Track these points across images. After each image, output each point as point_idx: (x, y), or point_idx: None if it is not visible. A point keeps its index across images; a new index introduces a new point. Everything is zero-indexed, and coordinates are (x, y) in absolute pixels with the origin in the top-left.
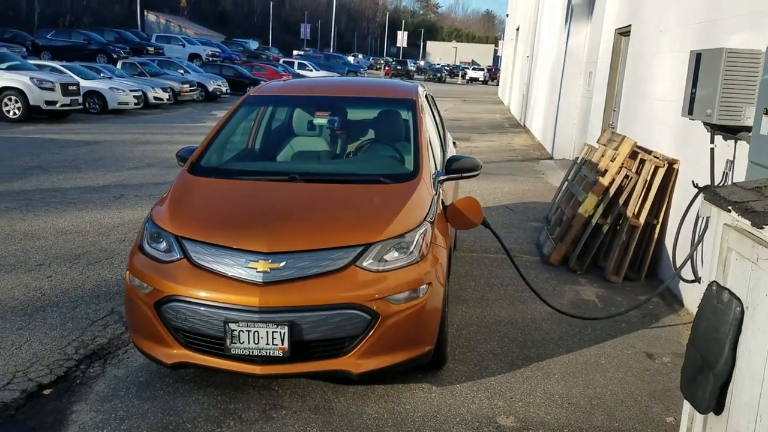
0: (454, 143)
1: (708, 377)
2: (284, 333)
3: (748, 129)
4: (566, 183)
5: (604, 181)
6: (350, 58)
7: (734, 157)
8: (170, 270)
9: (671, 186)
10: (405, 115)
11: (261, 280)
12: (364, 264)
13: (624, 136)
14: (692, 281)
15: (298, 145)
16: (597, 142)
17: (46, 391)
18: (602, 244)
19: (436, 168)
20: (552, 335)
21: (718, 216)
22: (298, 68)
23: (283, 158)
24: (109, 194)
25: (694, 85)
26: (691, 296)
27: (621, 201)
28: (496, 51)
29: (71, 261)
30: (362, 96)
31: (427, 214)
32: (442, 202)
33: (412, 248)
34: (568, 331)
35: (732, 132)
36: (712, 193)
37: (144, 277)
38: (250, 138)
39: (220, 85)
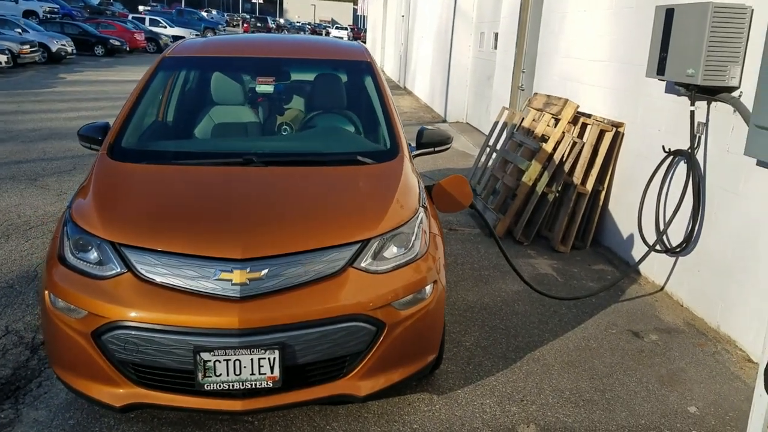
0: None
1: None
2: (274, 359)
3: (729, 90)
4: (488, 149)
5: (548, 147)
6: (203, 14)
7: (707, 120)
8: (110, 288)
9: (617, 150)
10: (364, 79)
11: (238, 295)
12: (363, 265)
13: (566, 100)
14: (667, 251)
15: (235, 117)
16: (528, 105)
17: None
18: (546, 213)
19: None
20: (531, 319)
21: None
22: (150, 25)
23: (223, 135)
24: None
25: (665, 43)
26: (648, 265)
27: (567, 168)
28: (355, 10)
29: None
30: (309, 57)
31: (420, 198)
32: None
33: (412, 241)
34: (545, 312)
35: (711, 93)
36: None
37: (72, 298)
38: (172, 111)
39: (64, 45)
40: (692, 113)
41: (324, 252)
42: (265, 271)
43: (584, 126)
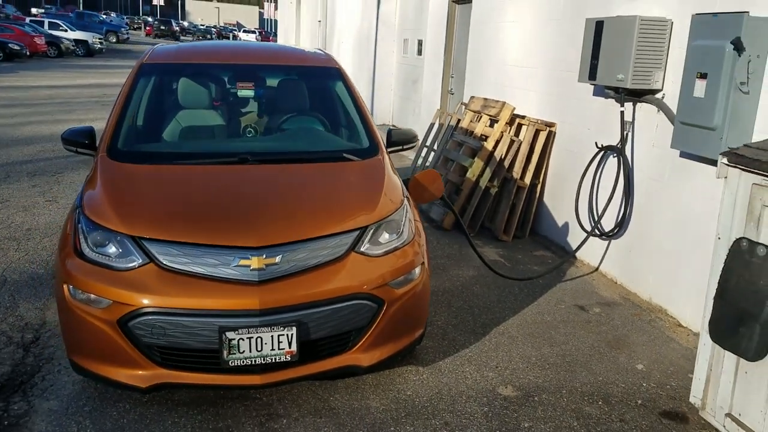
0: None
1: (753, 328)
2: (291, 335)
3: (653, 92)
4: (425, 149)
5: (488, 145)
6: (103, 17)
7: (633, 118)
8: (134, 278)
9: (550, 148)
10: (336, 84)
11: (257, 279)
12: (363, 249)
13: (504, 102)
14: (602, 235)
15: (224, 120)
16: (466, 108)
17: None
18: (489, 206)
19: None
20: (490, 298)
21: (740, 176)
22: (50, 28)
23: (216, 137)
24: None
25: (596, 51)
26: (583, 249)
27: (507, 164)
28: (261, 13)
29: None
30: (283, 64)
31: (403, 190)
32: None
33: (402, 228)
34: (501, 293)
35: (637, 95)
36: (734, 155)
37: (96, 289)
38: (161, 114)
39: None
40: (622, 113)
41: (329, 239)
42: (279, 257)
43: (520, 126)
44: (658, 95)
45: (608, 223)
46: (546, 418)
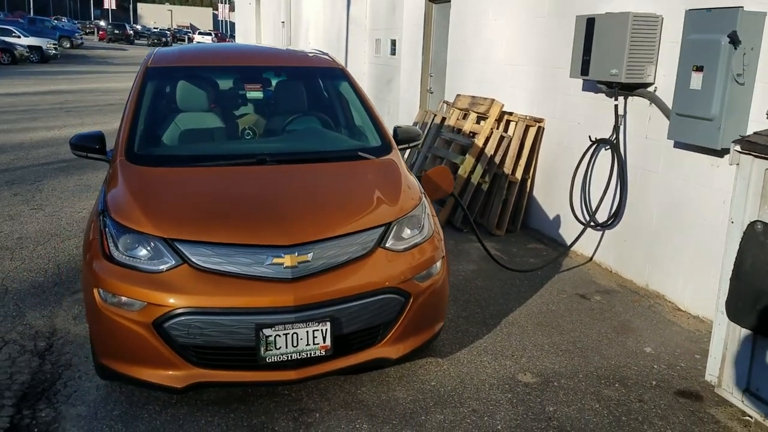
0: None
1: None
2: (326, 330)
3: (646, 85)
4: (408, 149)
5: (478, 142)
6: (55, 22)
7: (625, 112)
8: (168, 280)
9: (539, 143)
10: (341, 84)
11: (290, 276)
12: (388, 245)
13: (493, 100)
14: (597, 226)
15: (237, 120)
16: (452, 106)
17: None
18: (481, 202)
19: None
20: (494, 291)
21: (753, 163)
22: (2, 34)
23: (229, 138)
24: None
25: (587, 48)
26: (580, 242)
27: (497, 160)
28: (216, 15)
29: None
30: (288, 65)
31: (419, 186)
32: None
33: (422, 224)
34: (503, 285)
35: (630, 89)
36: (747, 143)
37: (130, 292)
38: (173, 118)
39: None
40: (616, 107)
41: (357, 235)
42: (311, 254)
43: (508, 123)
44: (651, 89)
45: (602, 215)
46: (568, 401)
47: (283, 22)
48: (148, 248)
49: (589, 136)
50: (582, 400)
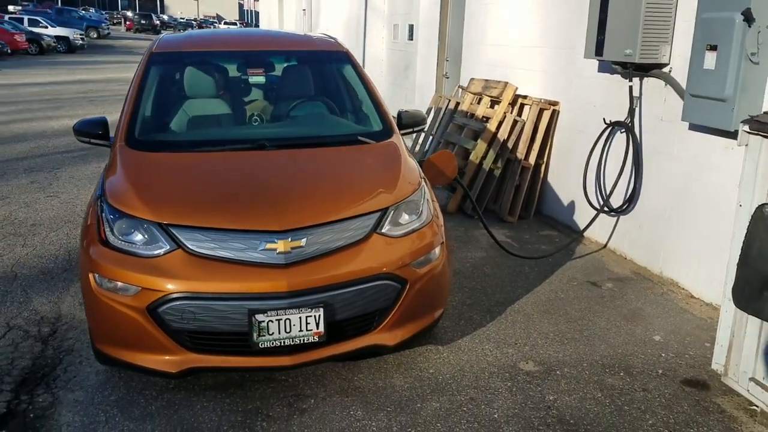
0: None
1: None
2: (319, 316)
3: (661, 66)
4: (422, 134)
5: (491, 127)
6: (83, 12)
7: (640, 93)
8: (163, 264)
9: (554, 127)
10: (345, 67)
11: (284, 262)
12: (384, 230)
13: (506, 83)
14: (612, 211)
15: (234, 107)
16: (466, 90)
17: None
18: (493, 188)
19: None
20: (502, 278)
21: (762, 144)
22: (30, 25)
23: (229, 124)
24: None
25: (602, 27)
26: (591, 228)
27: (510, 145)
28: (241, 5)
29: None
30: (293, 49)
31: (419, 171)
32: None
33: (421, 209)
34: (511, 272)
35: (645, 70)
36: (756, 123)
37: (124, 277)
38: (176, 103)
39: None
40: (631, 88)
41: (352, 220)
42: (305, 239)
43: (522, 106)
44: (666, 69)
45: (617, 200)
46: (570, 390)
47: (304, 10)
48: (144, 233)
49: (604, 119)
50: (584, 389)
